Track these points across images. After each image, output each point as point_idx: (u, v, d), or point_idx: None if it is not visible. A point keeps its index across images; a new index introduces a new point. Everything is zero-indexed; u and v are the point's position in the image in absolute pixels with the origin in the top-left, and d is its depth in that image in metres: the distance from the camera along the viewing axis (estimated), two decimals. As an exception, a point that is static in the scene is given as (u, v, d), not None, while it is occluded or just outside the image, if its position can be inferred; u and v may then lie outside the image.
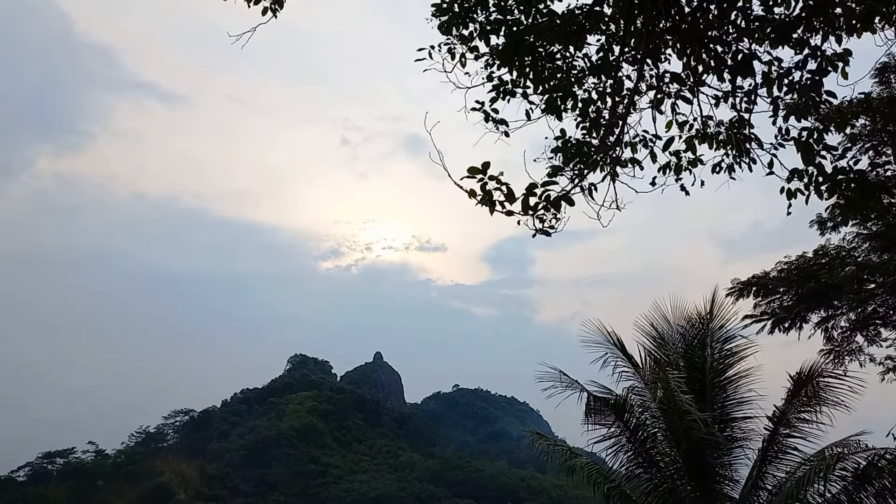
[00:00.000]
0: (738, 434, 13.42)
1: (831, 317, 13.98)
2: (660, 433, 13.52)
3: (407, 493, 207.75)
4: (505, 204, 6.56)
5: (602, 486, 14.16)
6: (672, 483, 13.36)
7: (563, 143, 6.95)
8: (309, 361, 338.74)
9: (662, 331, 14.08)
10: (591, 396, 13.41)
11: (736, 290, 13.93)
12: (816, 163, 6.78)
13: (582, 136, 7.04)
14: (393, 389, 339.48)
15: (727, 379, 13.61)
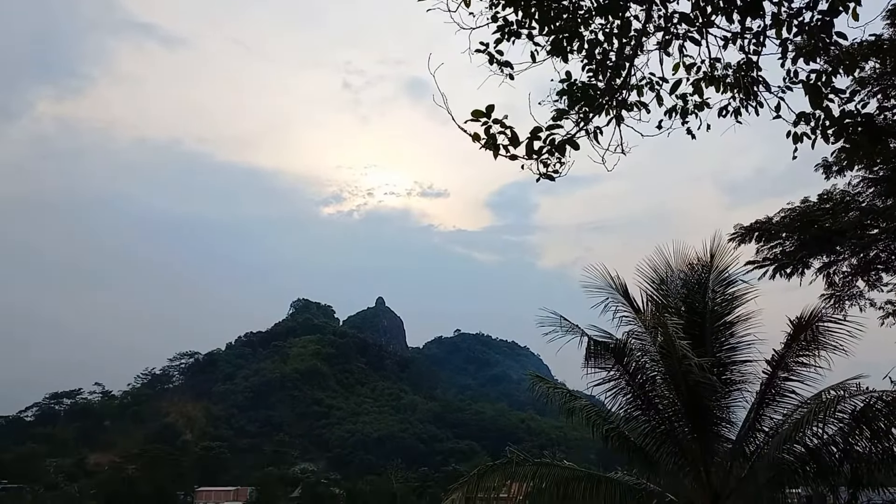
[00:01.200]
0: (736, 377, 13.60)
1: (833, 262, 14.01)
2: (659, 377, 13.70)
3: (409, 434, 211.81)
4: (509, 148, 6.51)
5: (601, 427, 14.45)
6: (670, 425, 13.59)
7: (568, 85, 6.85)
8: (312, 306, 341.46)
9: (664, 276, 14.13)
10: (592, 341, 13.54)
11: (738, 236, 13.93)
12: (824, 106, 6.71)
13: (588, 79, 6.94)
14: (395, 334, 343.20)
15: (727, 323, 13.73)
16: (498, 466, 15.00)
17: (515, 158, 6.57)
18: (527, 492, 14.65)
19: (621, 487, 14.02)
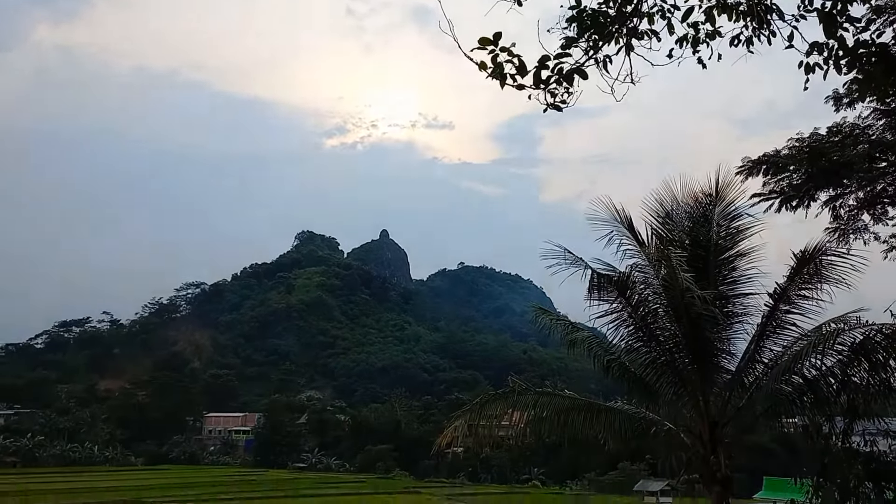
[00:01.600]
0: (738, 310, 13.71)
1: (840, 195, 13.94)
2: (661, 309, 13.80)
3: (412, 365, 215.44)
4: (516, 77, 6.41)
5: (602, 358, 14.67)
6: (670, 356, 13.79)
7: (578, 12, 6.68)
8: (316, 238, 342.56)
9: (669, 210, 14.09)
10: (595, 273, 13.59)
11: (746, 169, 13.82)
12: (838, 35, 6.57)
13: (598, 6, 6.76)
14: (399, 266, 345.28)
15: (730, 257, 13.76)
16: (500, 395, 15.31)
17: (523, 88, 6.47)
18: (528, 420, 14.98)
19: (620, 416, 14.34)
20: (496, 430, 15.02)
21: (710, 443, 13.40)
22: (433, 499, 76.69)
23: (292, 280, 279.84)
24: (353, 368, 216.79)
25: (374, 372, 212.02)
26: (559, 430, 14.51)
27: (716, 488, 13.31)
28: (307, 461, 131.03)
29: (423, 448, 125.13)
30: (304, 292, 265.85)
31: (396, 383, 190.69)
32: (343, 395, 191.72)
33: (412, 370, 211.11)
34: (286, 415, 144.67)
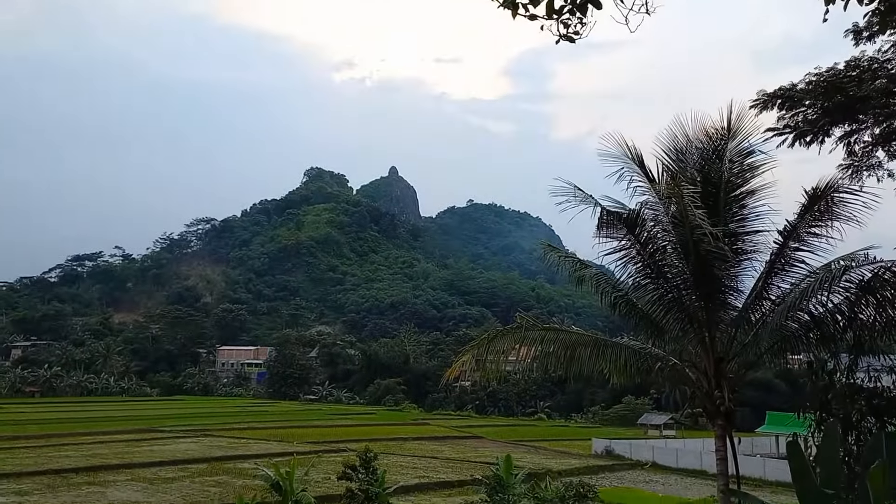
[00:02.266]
0: (747, 247, 13.68)
1: (855, 131, 13.70)
2: (669, 246, 13.79)
3: (421, 301, 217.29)
4: (528, 7, 6.26)
5: (609, 295, 14.73)
6: (678, 293, 13.83)
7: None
8: (325, 174, 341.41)
9: (681, 146, 13.92)
10: (605, 210, 13.55)
11: (760, 103, 13.55)
12: (861, -36, 6.37)
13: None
14: (408, 203, 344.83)
15: (741, 194, 13.65)
16: (508, 331, 15.46)
17: (535, 18, 6.31)
18: (535, 355, 15.16)
19: (626, 351, 14.49)
20: (503, 364, 15.21)
21: (715, 378, 13.57)
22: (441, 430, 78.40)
23: (301, 217, 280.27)
24: (362, 304, 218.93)
25: (383, 308, 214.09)
26: (566, 365, 14.68)
27: (719, 421, 13.55)
28: (318, 394, 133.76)
29: (431, 382, 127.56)
30: (314, 229, 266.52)
31: (405, 319, 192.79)
32: (353, 331, 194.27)
33: (421, 306, 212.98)
34: (297, 349, 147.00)
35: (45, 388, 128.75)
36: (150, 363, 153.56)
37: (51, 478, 42.68)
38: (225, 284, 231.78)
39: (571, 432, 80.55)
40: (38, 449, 56.00)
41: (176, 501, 35.96)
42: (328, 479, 38.96)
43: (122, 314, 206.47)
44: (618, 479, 48.47)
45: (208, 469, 47.37)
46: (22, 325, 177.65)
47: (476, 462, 51.97)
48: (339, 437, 65.23)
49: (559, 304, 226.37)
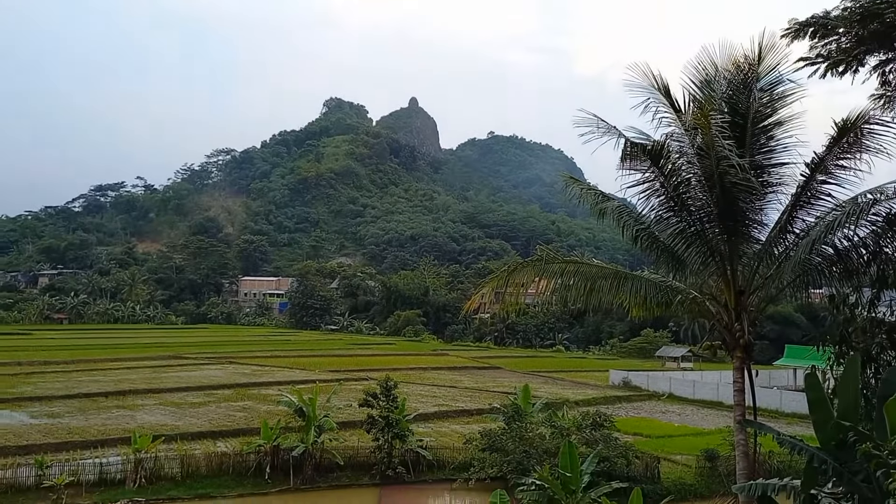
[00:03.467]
0: (773, 180, 13.43)
1: (890, 60, 13.21)
2: (694, 178, 13.57)
3: (441, 234, 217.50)
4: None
5: (631, 228, 14.62)
6: (701, 226, 13.70)
7: None
8: (344, 105, 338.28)
9: (709, 76, 13.54)
10: (628, 142, 13.33)
11: (792, 31, 13.06)
12: None
13: None
14: (428, 135, 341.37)
15: (769, 125, 13.32)
16: (528, 263, 15.47)
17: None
18: (554, 288, 15.17)
19: (646, 284, 14.46)
20: (523, 297, 15.26)
21: (735, 311, 13.57)
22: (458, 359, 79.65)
23: (321, 148, 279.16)
24: (382, 236, 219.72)
25: (403, 240, 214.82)
26: (585, 298, 14.70)
27: (737, 353, 13.62)
28: (339, 324, 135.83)
29: (450, 313, 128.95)
30: (333, 161, 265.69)
31: (425, 251, 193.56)
32: (373, 262, 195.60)
33: (440, 239, 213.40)
34: (318, 280, 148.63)
35: (72, 315, 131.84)
36: (174, 292, 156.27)
37: (81, 401, 44.20)
38: (246, 216, 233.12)
39: (589, 364, 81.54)
40: (67, 374, 57.79)
41: (203, 425, 37.14)
42: (349, 406, 39.97)
43: (146, 244, 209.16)
44: (634, 410, 49.26)
45: (233, 395, 48.75)
46: (48, 254, 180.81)
47: (494, 391, 52.98)
48: (360, 367, 66.60)
49: (579, 237, 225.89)
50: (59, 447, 31.09)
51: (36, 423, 36.72)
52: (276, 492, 28.48)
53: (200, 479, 28.38)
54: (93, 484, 26.95)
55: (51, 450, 30.24)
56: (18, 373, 57.29)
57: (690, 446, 34.06)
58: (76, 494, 26.12)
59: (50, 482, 25.83)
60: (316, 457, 29.58)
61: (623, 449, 27.76)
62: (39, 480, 26.14)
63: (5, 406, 41.38)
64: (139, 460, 27.71)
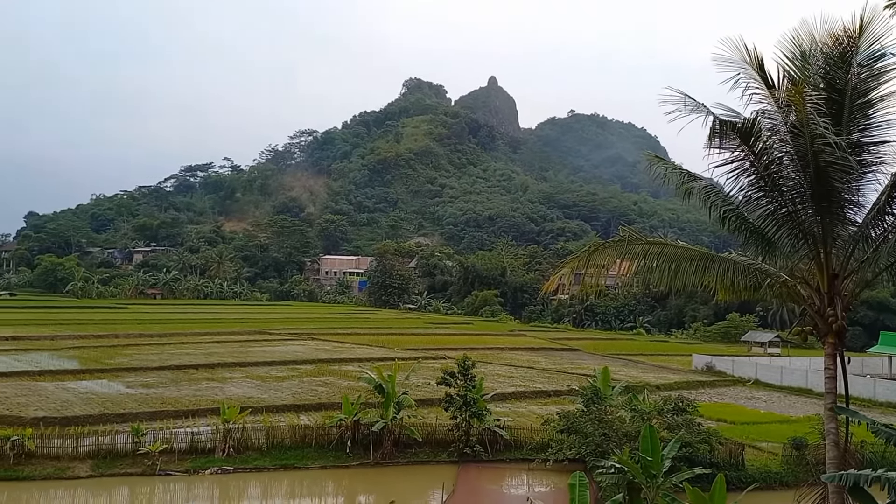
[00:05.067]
0: (872, 159, 12.76)
1: None
2: (786, 157, 13.06)
3: (519, 214, 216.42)
4: None
5: (719, 208, 14.18)
6: (793, 207, 13.19)
7: None
8: (423, 85, 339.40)
9: (805, 50, 12.96)
10: (717, 120, 12.90)
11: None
12: None
13: None
14: (507, 114, 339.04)
15: (869, 101, 12.66)
16: (609, 244, 15.19)
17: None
18: (636, 269, 14.88)
19: (734, 266, 14.03)
20: (604, 278, 15.05)
21: (828, 295, 13.03)
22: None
23: (400, 128, 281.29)
24: (459, 216, 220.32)
25: (480, 220, 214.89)
26: (669, 280, 14.36)
27: (829, 340, 13.09)
28: (417, 303, 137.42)
29: (527, 294, 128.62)
30: (412, 141, 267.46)
31: (503, 232, 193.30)
32: (450, 242, 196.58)
33: (518, 219, 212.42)
34: (396, 259, 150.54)
35: (165, 290, 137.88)
36: (259, 270, 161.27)
37: (174, 373, 46.32)
38: (327, 195, 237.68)
39: (671, 348, 79.99)
40: (161, 346, 60.60)
41: (287, 398, 38.35)
42: (428, 384, 40.54)
43: (232, 223, 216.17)
44: (718, 395, 48.13)
45: (315, 370, 50.10)
46: (142, 232, 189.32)
47: (572, 373, 52.64)
48: (438, 345, 67.26)
49: (662, 218, 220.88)
50: (153, 416, 32.66)
51: (132, 392, 38.69)
52: (357, 465, 29.21)
53: (285, 451, 29.38)
54: (184, 452, 28.27)
55: (146, 418, 31.78)
56: (116, 345, 60.42)
57: (777, 434, 33.07)
58: (169, 461, 27.47)
59: (145, 449, 27.28)
60: (395, 433, 30.15)
61: (706, 434, 27.17)
62: (136, 447, 27.60)
63: (104, 376, 43.76)
64: (228, 431, 28.87)
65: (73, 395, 36.58)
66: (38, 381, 40.64)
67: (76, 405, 34.10)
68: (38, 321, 74.49)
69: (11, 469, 25.96)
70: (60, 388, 38.88)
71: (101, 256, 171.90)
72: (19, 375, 42.19)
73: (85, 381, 41.49)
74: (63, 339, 62.01)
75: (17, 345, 57.08)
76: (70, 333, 65.29)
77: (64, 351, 54.33)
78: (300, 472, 28.44)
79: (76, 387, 39.48)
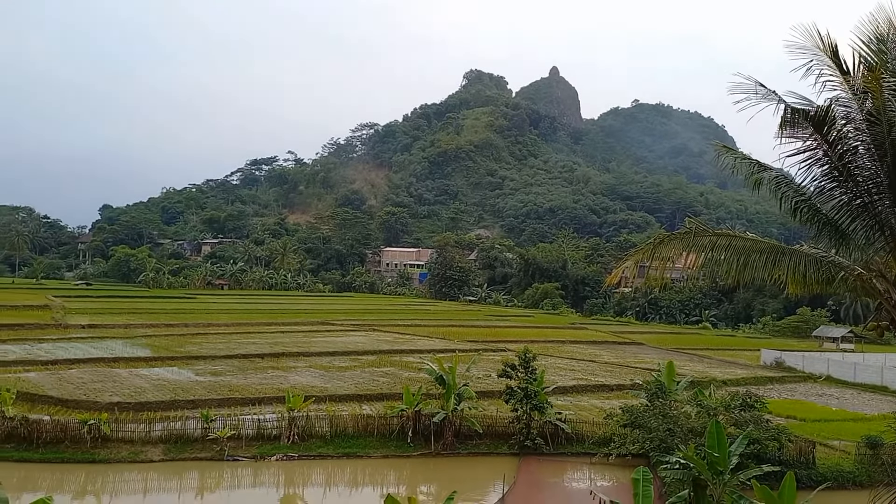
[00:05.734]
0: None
1: None
2: (862, 147, 12.58)
3: (581, 206, 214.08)
4: None
5: (790, 199, 13.76)
6: (868, 197, 12.70)
7: None
8: (484, 77, 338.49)
9: (882, 35, 12.43)
10: (788, 108, 12.50)
11: None
12: None
13: None
14: (569, 105, 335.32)
15: (954, 87, 12.07)
16: (675, 236, 14.89)
17: None
18: (703, 262, 14.56)
19: (806, 259, 13.59)
20: (669, 271, 14.77)
21: (907, 289, 12.52)
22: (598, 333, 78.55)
23: (461, 120, 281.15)
24: (520, 208, 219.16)
25: (541, 212, 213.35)
26: (737, 273, 13.97)
27: (908, 337, 12.60)
28: (477, 295, 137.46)
29: (589, 287, 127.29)
30: (473, 133, 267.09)
31: (564, 224, 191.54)
32: (511, 235, 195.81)
33: (580, 211, 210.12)
34: (456, 251, 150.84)
35: (231, 281, 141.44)
36: (321, 261, 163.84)
37: (240, 361, 47.55)
38: (388, 188, 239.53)
39: (738, 342, 78.10)
40: (228, 335, 62.26)
41: (349, 388, 38.95)
42: (488, 376, 40.62)
43: (296, 215, 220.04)
44: (787, 391, 46.84)
45: (377, 361, 50.72)
46: (210, 224, 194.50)
47: (635, 367, 51.97)
48: (498, 338, 67.25)
49: (729, 209, 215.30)
50: (221, 403, 33.60)
51: (201, 379, 39.87)
52: (418, 455, 29.49)
53: (347, 439, 29.88)
54: (251, 438, 29.04)
55: (214, 405, 32.71)
56: (185, 333, 62.35)
57: (850, 432, 32.02)
58: (237, 447, 28.26)
59: (214, 434, 28.14)
60: (455, 424, 30.31)
61: (775, 431, 26.46)
62: (205, 433, 28.48)
63: (174, 363, 45.23)
64: (293, 418, 29.51)
65: (145, 382, 37.93)
66: (112, 368, 42.28)
67: (149, 391, 35.35)
68: (112, 310, 77.33)
69: (88, 452, 27.11)
70: (134, 374, 40.37)
71: (172, 248, 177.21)
72: (95, 362, 43.96)
73: (156, 369, 42.98)
74: (136, 327, 64.29)
75: (92, 332, 59.42)
76: (142, 322, 67.64)
77: (137, 339, 56.34)
78: (362, 461, 28.88)
79: (148, 373, 40.93)
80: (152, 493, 24.95)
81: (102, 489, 25.32)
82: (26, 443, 27.29)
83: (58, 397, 32.91)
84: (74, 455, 26.98)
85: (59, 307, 73.74)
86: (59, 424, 27.82)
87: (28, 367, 41.38)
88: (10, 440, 27.44)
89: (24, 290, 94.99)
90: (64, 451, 27.16)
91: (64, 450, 27.19)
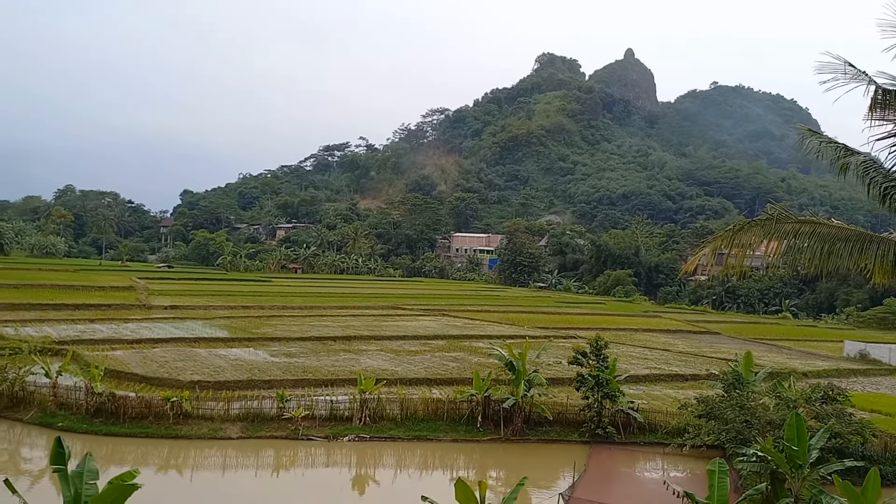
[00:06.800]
0: None
1: None
2: (960, 129, 11.92)
3: (655, 192, 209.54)
4: None
5: (879, 185, 13.17)
6: (966, 183, 12.04)
7: None
8: (557, 60, 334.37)
9: None
10: (880, 89, 11.93)
11: None
12: None
13: None
14: (644, 88, 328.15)
15: None
16: (755, 223, 14.43)
17: None
18: (784, 250, 14.07)
19: (895, 247, 12.99)
20: (749, 259, 14.33)
21: None
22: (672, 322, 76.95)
23: (532, 105, 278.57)
24: (592, 194, 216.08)
25: (614, 198, 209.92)
26: (820, 262, 13.46)
27: None
28: (547, 282, 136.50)
29: (663, 274, 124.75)
30: (544, 117, 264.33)
31: (637, 210, 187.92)
32: (582, 220, 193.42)
33: (654, 197, 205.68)
34: (526, 237, 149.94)
35: (304, 265, 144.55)
36: (392, 246, 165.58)
37: (313, 343, 48.56)
38: (458, 173, 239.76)
39: (820, 333, 75.31)
40: (302, 318, 63.62)
41: (419, 372, 39.30)
42: (558, 363, 40.31)
43: (367, 200, 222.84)
44: (872, 385, 44.97)
45: (446, 345, 50.97)
46: (284, 209, 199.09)
47: (711, 357, 50.75)
48: (569, 325, 66.65)
49: (812, 195, 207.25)
50: (295, 383, 34.40)
51: (276, 360, 40.93)
52: (488, 440, 29.57)
53: (417, 422, 30.19)
54: (324, 419, 29.65)
55: (289, 385, 33.52)
56: (261, 315, 64.08)
57: (940, 430, 30.46)
58: (310, 427, 28.92)
59: (289, 414, 28.88)
60: (525, 410, 30.22)
61: (859, 426, 25.41)
62: (280, 412, 29.26)
63: (251, 344, 46.54)
64: (364, 400, 30.01)
65: (224, 362, 39.17)
66: (193, 348, 43.80)
67: (227, 371, 36.51)
68: (192, 292, 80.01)
69: (171, 428, 28.23)
70: (213, 354, 41.73)
71: (248, 232, 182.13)
72: (177, 342, 45.62)
73: (234, 349, 44.31)
74: (215, 308, 66.38)
75: (174, 313, 61.66)
76: (221, 304, 69.79)
77: (215, 320, 58.18)
78: (432, 444, 29.14)
79: (226, 353, 42.24)
80: (230, 469, 25.79)
81: (185, 464, 26.32)
82: (113, 417, 28.62)
83: (142, 375, 34.33)
84: (158, 430, 28.14)
85: (142, 288, 76.74)
86: (144, 401, 29.03)
87: (115, 345, 43.27)
88: (98, 415, 28.84)
89: (110, 272, 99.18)
90: (148, 426, 28.36)
91: (148, 425, 28.39)
